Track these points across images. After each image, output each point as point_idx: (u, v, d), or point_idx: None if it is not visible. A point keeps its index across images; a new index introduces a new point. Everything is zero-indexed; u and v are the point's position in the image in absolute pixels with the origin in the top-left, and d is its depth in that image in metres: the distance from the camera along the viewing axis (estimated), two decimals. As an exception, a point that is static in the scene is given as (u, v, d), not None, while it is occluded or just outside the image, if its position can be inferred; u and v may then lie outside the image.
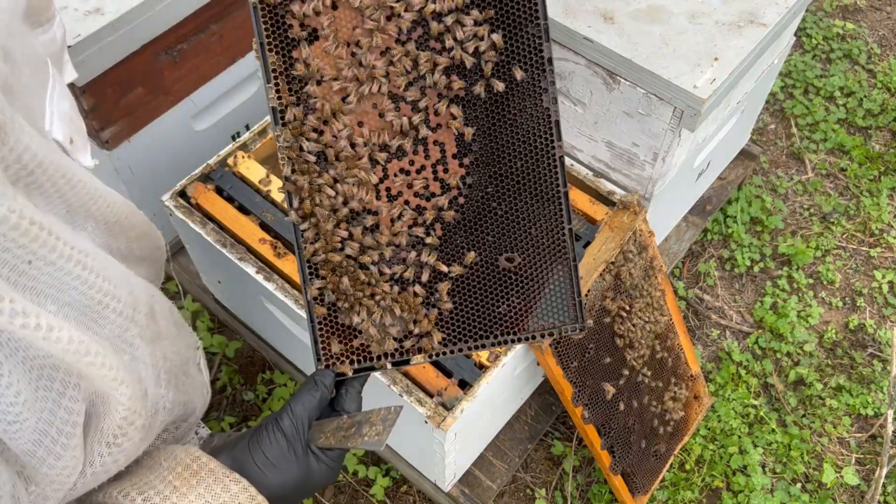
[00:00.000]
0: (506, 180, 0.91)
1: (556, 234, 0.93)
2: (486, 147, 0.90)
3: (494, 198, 0.91)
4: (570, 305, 0.95)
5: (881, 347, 2.08)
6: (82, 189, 0.76)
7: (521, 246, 0.92)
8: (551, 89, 0.88)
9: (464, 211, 0.91)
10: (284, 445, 0.83)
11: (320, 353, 0.91)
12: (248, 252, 1.43)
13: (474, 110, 0.89)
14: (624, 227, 1.46)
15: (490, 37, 0.86)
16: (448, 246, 0.91)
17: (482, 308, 0.93)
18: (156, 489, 0.73)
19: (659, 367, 1.60)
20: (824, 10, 2.88)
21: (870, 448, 1.92)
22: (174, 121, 1.74)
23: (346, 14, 0.85)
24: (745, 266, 2.21)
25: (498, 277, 0.93)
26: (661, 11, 1.51)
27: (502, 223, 0.92)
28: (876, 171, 2.43)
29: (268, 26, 0.84)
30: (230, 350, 1.97)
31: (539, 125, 0.89)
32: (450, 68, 0.87)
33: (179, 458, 0.77)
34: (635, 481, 1.64)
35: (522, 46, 0.87)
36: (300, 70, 0.85)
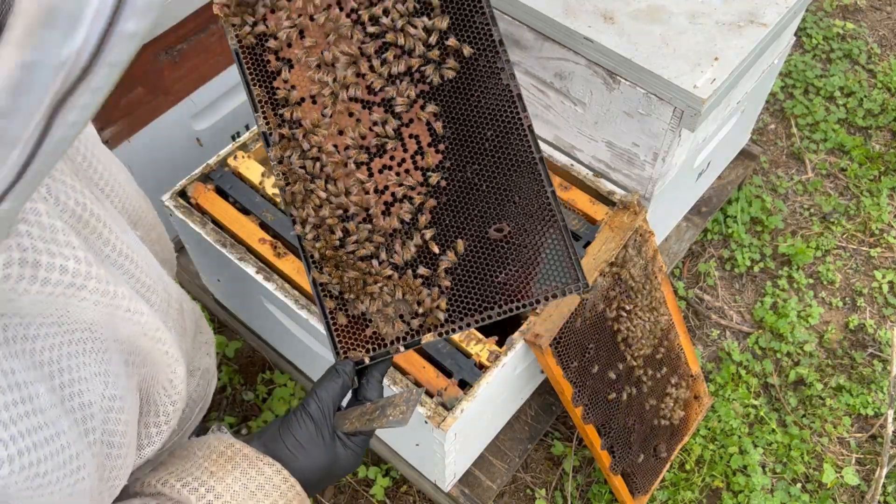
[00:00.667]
0: (483, 157, 0.96)
1: (539, 199, 0.97)
2: (458, 131, 0.96)
3: (476, 176, 0.97)
4: (568, 267, 0.97)
5: (881, 347, 2.08)
6: (120, 183, 0.80)
7: (509, 216, 0.97)
8: (507, 67, 0.95)
9: (448, 193, 0.96)
10: (313, 429, 0.86)
11: (337, 345, 0.95)
12: (248, 252, 1.43)
13: (443, 99, 0.96)
14: (624, 227, 1.46)
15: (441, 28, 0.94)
16: (441, 227, 0.97)
17: (482, 280, 0.97)
18: (193, 475, 0.75)
19: (659, 366, 1.60)
20: (824, 10, 2.88)
21: (870, 448, 1.92)
22: (174, 121, 1.74)
23: (314, 35, 0.94)
24: (746, 266, 2.21)
25: (492, 249, 0.97)
26: (661, 11, 1.51)
27: (487, 198, 0.97)
28: (876, 171, 2.43)
29: (250, 66, 0.94)
30: (230, 350, 1.97)
31: (503, 101, 0.96)
32: (413, 69, 0.94)
33: (213, 446, 0.80)
34: (635, 481, 1.64)
35: (474, 34, 0.95)
36: (282, 94, 0.94)
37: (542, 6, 1.48)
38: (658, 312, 1.57)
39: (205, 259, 1.62)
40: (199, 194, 1.50)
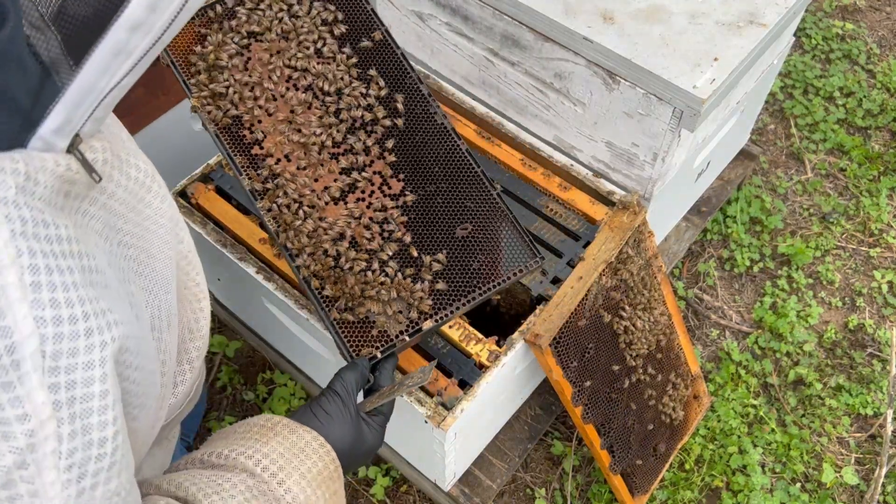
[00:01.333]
0: (436, 178, 1.20)
1: (488, 201, 1.20)
2: (412, 162, 1.20)
3: (434, 193, 1.19)
4: (525, 248, 1.19)
5: (881, 347, 2.08)
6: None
7: (469, 217, 1.18)
8: (438, 110, 1.22)
9: (415, 210, 1.18)
10: (340, 403, 0.94)
11: (349, 349, 1.09)
12: (248, 252, 1.43)
13: (397, 141, 1.20)
14: (624, 227, 1.46)
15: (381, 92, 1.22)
16: (416, 235, 1.17)
17: (460, 271, 1.16)
18: (240, 444, 0.81)
19: (659, 366, 1.60)
20: (824, 11, 2.88)
21: (869, 448, 1.92)
22: (174, 121, 1.74)
23: (282, 109, 1.18)
24: (745, 266, 2.21)
25: (463, 245, 1.17)
26: (661, 11, 1.51)
27: (447, 208, 1.19)
28: (875, 171, 2.43)
29: (228, 142, 1.15)
30: (230, 350, 1.97)
31: (442, 135, 1.22)
32: (373, 122, 1.20)
33: (252, 422, 0.88)
34: (635, 481, 1.65)
35: (408, 91, 1.23)
36: (260, 157, 1.15)
37: (542, 6, 1.49)
38: (658, 312, 1.57)
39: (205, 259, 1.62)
40: (199, 194, 1.50)
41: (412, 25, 1.76)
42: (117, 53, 0.49)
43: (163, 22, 0.49)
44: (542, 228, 1.50)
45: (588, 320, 1.41)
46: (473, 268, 1.16)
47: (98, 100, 0.51)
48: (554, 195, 1.55)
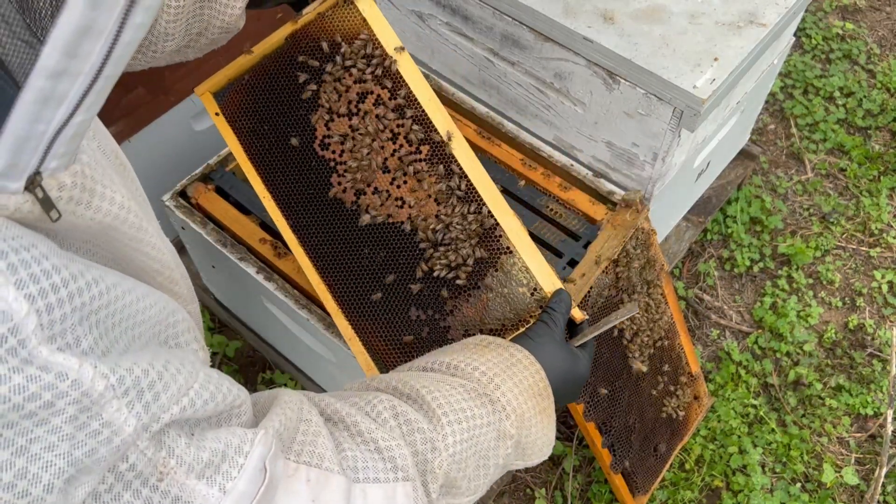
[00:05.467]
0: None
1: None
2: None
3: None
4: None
5: (881, 347, 2.08)
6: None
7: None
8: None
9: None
10: (548, 330, 0.96)
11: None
12: (248, 252, 1.43)
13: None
14: (626, 226, 1.46)
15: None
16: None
17: None
18: (458, 355, 0.87)
19: (659, 366, 1.61)
20: (824, 11, 2.88)
21: (869, 448, 1.92)
22: (174, 121, 1.74)
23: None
24: (745, 266, 2.21)
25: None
26: (661, 11, 1.51)
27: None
28: (876, 171, 2.43)
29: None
30: (230, 350, 1.97)
31: None
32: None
33: (468, 341, 0.92)
34: (636, 481, 1.64)
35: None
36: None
37: (541, 6, 1.49)
38: (659, 311, 1.57)
39: (205, 259, 1.62)
40: (199, 194, 1.50)
41: (412, 25, 1.76)
42: (45, 101, 0.47)
43: (92, 64, 0.47)
44: (542, 228, 1.50)
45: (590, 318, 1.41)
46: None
47: (44, 142, 0.49)
48: (554, 195, 1.55)
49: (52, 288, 0.48)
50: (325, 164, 1.13)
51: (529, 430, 0.84)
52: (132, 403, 0.52)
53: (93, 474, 0.50)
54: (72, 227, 0.59)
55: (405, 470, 0.70)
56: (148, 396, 0.54)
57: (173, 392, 0.56)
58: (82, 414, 0.49)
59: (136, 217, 0.68)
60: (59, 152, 0.51)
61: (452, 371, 0.85)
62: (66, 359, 0.48)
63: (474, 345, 0.91)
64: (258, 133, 1.16)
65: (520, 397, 0.84)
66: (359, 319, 1.13)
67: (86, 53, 0.46)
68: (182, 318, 0.67)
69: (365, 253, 1.12)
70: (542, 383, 0.87)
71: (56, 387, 0.48)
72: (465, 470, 0.78)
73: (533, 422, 0.85)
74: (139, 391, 0.53)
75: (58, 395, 0.48)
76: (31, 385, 0.47)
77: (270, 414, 0.67)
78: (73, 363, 0.49)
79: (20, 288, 0.46)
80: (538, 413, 0.86)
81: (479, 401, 0.80)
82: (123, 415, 0.52)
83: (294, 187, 1.15)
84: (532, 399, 0.85)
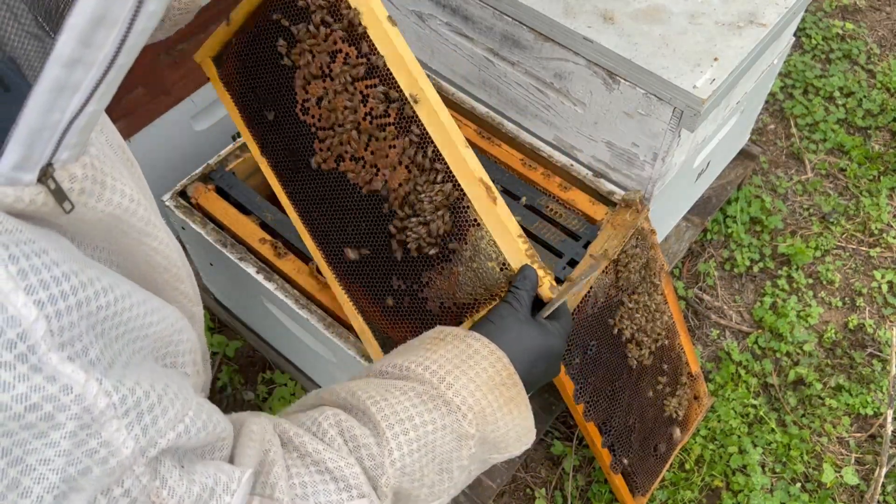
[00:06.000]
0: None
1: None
2: None
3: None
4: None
5: (881, 347, 2.08)
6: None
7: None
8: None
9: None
10: (510, 308, 0.91)
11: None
12: (248, 252, 1.43)
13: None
14: (626, 225, 1.46)
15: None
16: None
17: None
18: (412, 355, 0.84)
19: (659, 366, 1.61)
20: (824, 11, 2.88)
21: (869, 448, 1.92)
22: (174, 121, 1.74)
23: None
24: (745, 266, 2.21)
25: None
26: (661, 11, 1.51)
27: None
28: (875, 171, 2.43)
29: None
30: (230, 350, 1.97)
31: None
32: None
33: (427, 335, 0.89)
34: (636, 481, 1.65)
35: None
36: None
37: (541, 6, 1.49)
38: (659, 311, 1.57)
39: (205, 259, 1.62)
40: (199, 194, 1.50)
41: (412, 25, 1.76)
42: (60, 90, 0.47)
43: (106, 53, 0.47)
44: (542, 228, 1.50)
45: (590, 318, 1.41)
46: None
47: (58, 133, 0.49)
48: (554, 195, 1.55)
49: (61, 294, 0.48)
50: (308, 130, 1.09)
51: (495, 425, 0.81)
52: (132, 425, 0.52)
53: (83, 493, 0.50)
54: (83, 221, 0.59)
55: (359, 488, 0.69)
56: (147, 419, 0.53)
57: (170, 417, 0.55)
58: (82, 431, 0.49)
59: (144, 211, 0.68)
60: (71, 143, 0.51)
61: (405, 374, 0.82)
62: (73, 370, 0.48)
63: (431, 339, 0.87)
64: (249, 98, 1.15)
65: (477, 393, 0.80)
66: (350, 285, 1.14)
67: (100, 42, 0.46)
68: (187, 339, 0.66)
69: (349, 221, 1.10)
70: (504, 371, 0.83)
71: (59, 399, 0.47)
72: (422, 479, 0.75)
73: (497, 415, 0.81)
74: (139, 413, 0.52)
75: (59, 407, 0.47)
76: (33, 395, 0.46)
77: (243, 447, 0.66)
78: (80, 377, 0.48)
79: (30, 293, 0.46)
80: (504, 404, 0.82)
81: (432, 404, 0.77)
82: (122, 436, 0.51)
83: (283, 153, 1.14)
84: (493, 391, 0.81)
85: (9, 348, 0.45)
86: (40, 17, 0.48)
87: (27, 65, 0.49)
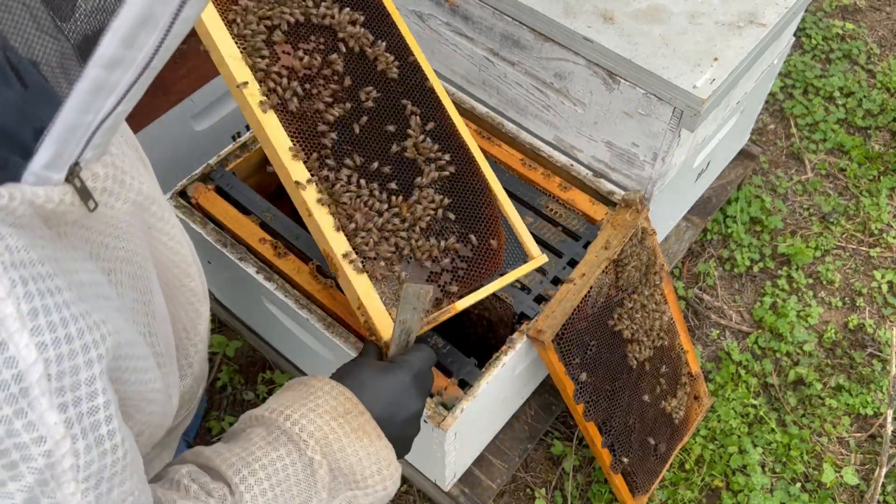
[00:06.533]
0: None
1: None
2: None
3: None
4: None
5: (881, 347, 2.08)
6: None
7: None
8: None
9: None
10: (357, 359, 0.96)
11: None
12: (248, 252, 1.43)
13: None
14: (626, 225, 1.46)
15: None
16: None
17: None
18: (259, 408, 0.86)
19: (659, 366, 1.61)
20: (824, 11, 2.88)
21: (869, 448, 1.92)
22: (174, 121, 1.74)
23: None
24: (745, 266, 2.21)
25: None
26: (661, 11, 1.51)
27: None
28: (875, 171, 2.43)
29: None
30: (230, 350, 1.97)
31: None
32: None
33: (286, 384, 0.92)
34: (636, 480, 1.65)
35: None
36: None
37: (541, 6, 1.49)
38: (659, 311, 1.57)
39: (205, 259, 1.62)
40: (199, 194, 1.50)
41: (412, 25, 1.76)
42: (97, 91, 0.48)
43: (144, 55, 0.48)
44: (542, 228, 1.50)
45: (590, 317, 1.41)
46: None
47: (89, 132, 0.50)
48: (554, 195, 1.55)
49: (66, 338, 0.48)
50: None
51: (343, 452, 0.80)
52: (87, 492, 0.51)
53: None
54: (102, 221, 0.59)
55: None
56: (103, 487, 0.53)
57: (125, 490, 0.55)
58: (38, 486, 0.48)
59: (158, 207, 0.69)
60: (97, 143, 0.52)
61: (251, 423, 0.83)
62: (56, 422, 0.48)
63: (281, 388, 0.90)
64: None
65: (318, 420, 0.80)
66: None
67: (141, 44, 0.47)
68: (155, 395, 0.66)
69: None
70: (348, 403, 0.84)
71: (28, 449, 0.47)
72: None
73: (344, 442, 0.81)
74: (98, 480, 0.52)
75: (26, 458, 0.47)
76: (6, 440, 0.46)
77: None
78: (59, 432, 0.48)
79: (34, 335, 0.46)
80: (352, 432, 0.82)
81: (276, 442, 0.78)
82: (76, 500, 0.51)
83: None
84: (337, 419, 0.82)
85: (1, 389, 0.45)
86: (81, 16, 0.48)
87: (55, 63, 0.49)
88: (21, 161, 0.48)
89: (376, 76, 1.21)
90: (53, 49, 0.50)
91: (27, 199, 0.48)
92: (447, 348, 1.35)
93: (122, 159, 0.61)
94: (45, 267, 0.48)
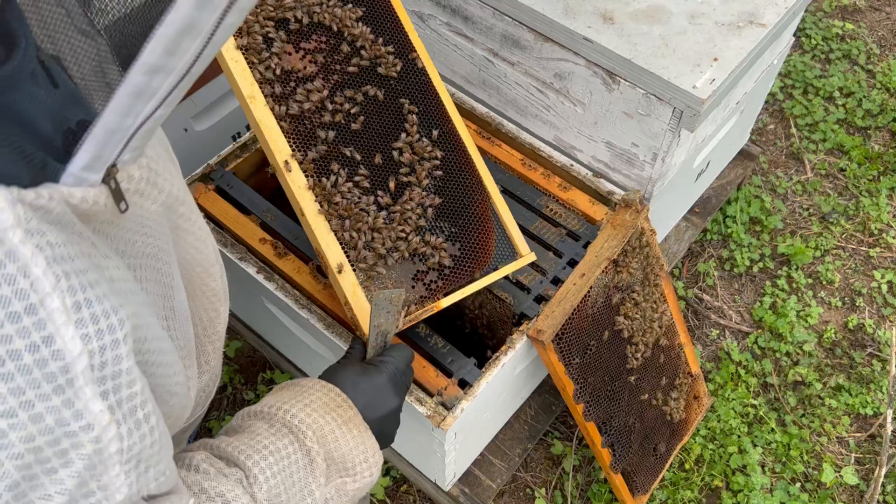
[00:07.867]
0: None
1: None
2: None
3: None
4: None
5: (880, 347, 2.08)
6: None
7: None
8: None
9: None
10: (342, 361, 1.03)
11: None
12: (248, 252, 1.44)
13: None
14: (626, 225, 1.46)
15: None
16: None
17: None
18: (255, 405, 0.92)
19: (660, 365, 1.61)
20: (824, 11, 2.89)
21: (869, 448, 1.92)
22: (174, 121, 1.74)
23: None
24: (745, 266, 2.21)
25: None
26: (661, 11, 1.51)
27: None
28: (875, 171, 2.43)
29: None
30: (230, 350, 1.97)
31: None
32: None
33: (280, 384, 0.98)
34: (635, 480, 1.65)
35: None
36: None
37: (541, 7, 1.49)
38: (659, 311, 1.57)
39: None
40: (199, 194, 1.50)
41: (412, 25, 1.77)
42: (138, 96, 0.49)
43: (185, 62, 0.49)
44: (542, 228, 1.50)
45: (590, 317, 1.41)
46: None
47: (128, 136, 0.51)
48: (554, 195, 1.55)
49: (108, 329, 0.50)
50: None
51: (336, 443, 0.88)
52: (130, 472, 0.54)
53: None
54: (131, 219, 0.60)
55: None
56: (142, 467, 0.56)
57: (161, 468, 0.58)
58: (87, 471, 0.51)
59: (185, 208, 0.71)
60: (135, 145, 0.53)
61: (252, 418, 0.89)
62: (101, 410, 0.50)
63: (275, 390, 0.96)
64: None
65: (314, 414, 0.88)
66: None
67: (183, 51, 0.48)
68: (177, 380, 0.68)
69: None
70: (337, 399, 0.92)
71: (77, 436, 0.49)
72: (288, 501, 0.81)
73: (337, 433, 0.88)
74: (138, 461, 0.55)
75: (76, 445, 0.49)
76: (57, 430, 0.48)
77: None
78: (105, 418, 0.50)
79: (79, 327, 0.48)
80: (343, 424, 0.89)
81: (280, 432, 0.85)
82: (120, 481, 0.53)
83: None
84: (330, 413, 0.89)
85: (49, 380, 0.47)
86: (133, 21, 0.49)
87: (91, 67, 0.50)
88: (54, 162, 0.50)
89: (376, 75, 1.22)
90: (90, 52, 0.51)
91: (64, 199, 0.49)
92: (447, 348, 1.35)
93: (157, 161, 0.62)
94: (82, 262, 0.50)
